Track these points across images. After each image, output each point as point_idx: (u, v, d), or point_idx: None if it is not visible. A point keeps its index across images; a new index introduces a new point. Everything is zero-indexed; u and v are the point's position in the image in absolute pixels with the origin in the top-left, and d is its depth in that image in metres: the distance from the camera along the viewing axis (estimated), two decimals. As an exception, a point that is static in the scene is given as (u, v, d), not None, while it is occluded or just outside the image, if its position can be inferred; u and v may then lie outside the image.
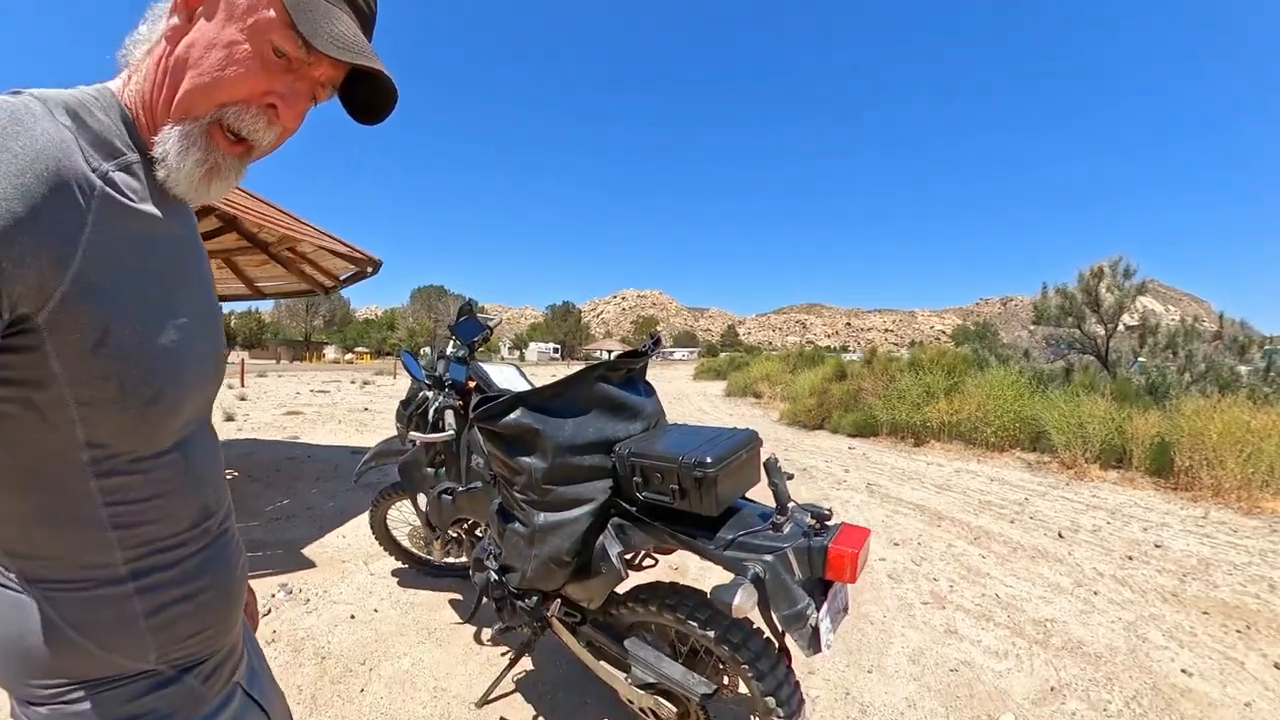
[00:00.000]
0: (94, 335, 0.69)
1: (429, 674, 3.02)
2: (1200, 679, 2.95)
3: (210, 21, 0.78)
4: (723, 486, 1.83)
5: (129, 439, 0.77)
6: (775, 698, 1.90)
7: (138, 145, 0.78)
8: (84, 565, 0.75)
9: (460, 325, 2.97)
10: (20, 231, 0.60)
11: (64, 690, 0.75)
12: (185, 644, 0.84)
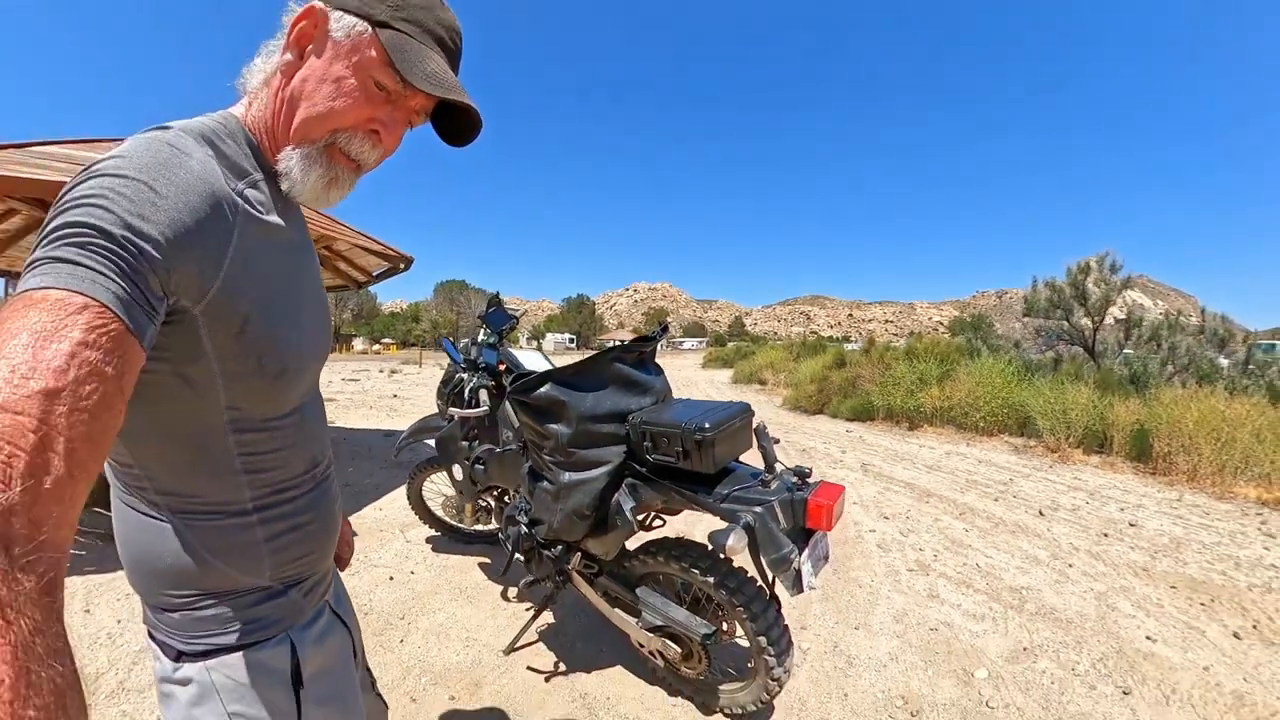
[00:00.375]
0: (237, 322, 0.80)
1: (461, 627, 3.18)
2: (1163, 645, 3.00)
3: (319, 59, 0.87)
4: (719, 449, 2.04)
5: (261, 404, 0.89)
6: (766, 637, 2.11)
7: (261, 165, 0.89)
8: (219, 502, 0.88)
9: (490, 315, 3.14)
10: (189, 243, 0.70)
11: (196, 599, 0.89)
12: (292, 565, 0.98)
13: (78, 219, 0.62)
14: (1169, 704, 2.55)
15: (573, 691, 2.66)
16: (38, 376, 0.51)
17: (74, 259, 0.59)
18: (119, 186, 0.65)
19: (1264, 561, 3.97)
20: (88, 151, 4.37)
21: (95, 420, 0.55)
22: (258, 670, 0.94)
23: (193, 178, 0.73)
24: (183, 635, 0.91)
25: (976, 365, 9.78)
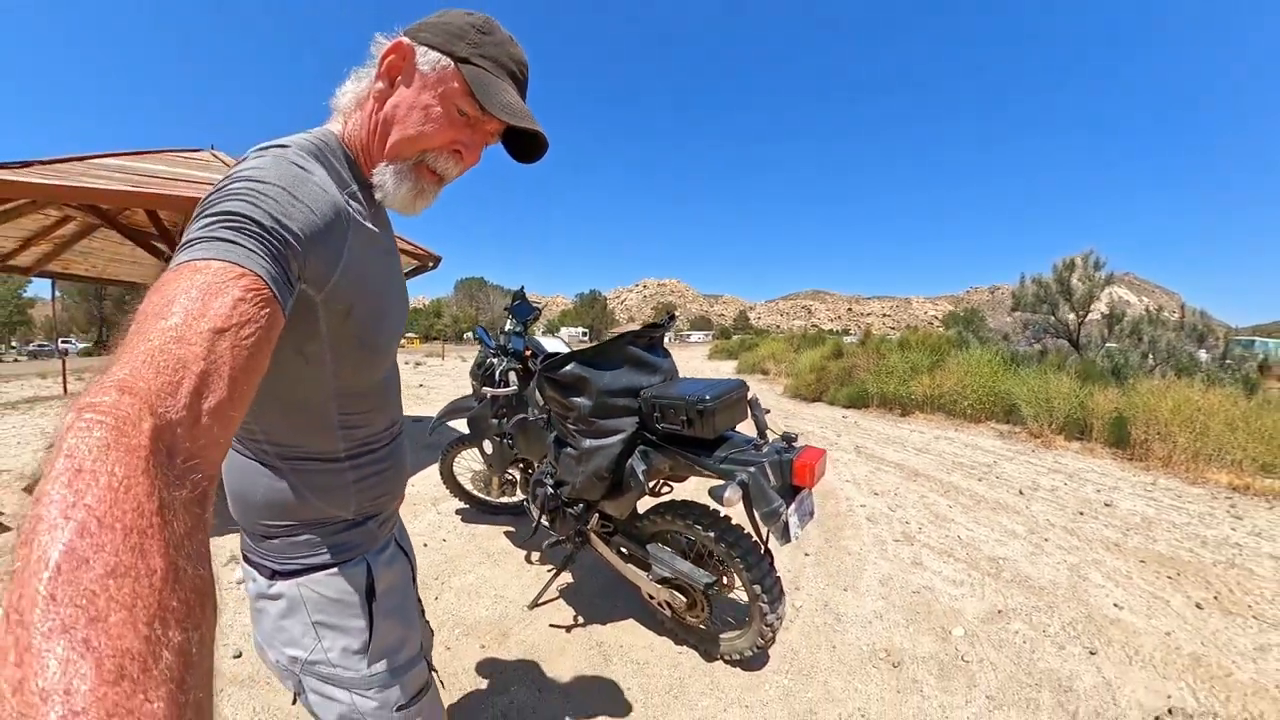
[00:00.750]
0: (346, 308, 0.91)
1: (490, 586, 3.33)
2: (1129, 612, 3.05)
3: (409, 88, 0.96)
4: (718, 418, 2.20)
5: (357, 375, 1.02)
6: (760, 585, 2.28)
7: (356, 177, 0.99)
8: (319, 452, 1.02)
9: (516, 308, 3.31)
10: (318, 241, 0.80)
11: (293, 528, 1.03)
12: (372, 502, 1.12)
13: (234, 209, 0.70)
14: (1132, 664, 2.61)
15: (590, 641, 2.79)
16: (207, 318, 0.57)
17: (231, 239, 0.67)
18: (266, 190, 0.74)
19: (1229, 540, 4.00)
20: (137, 161, 4.47)
21: (251, 359, 0.61)
22: (340, 586, 1.07)
23: (318, 190, 0.83)
24: (278, 558, 1.04)
25: (965, 356, 9.77)
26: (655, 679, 2.52)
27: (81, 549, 0.36)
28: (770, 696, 2.41)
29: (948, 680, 2.52)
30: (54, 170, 3.74)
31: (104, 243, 6.80)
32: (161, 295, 0.59)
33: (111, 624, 0.34)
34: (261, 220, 0.70)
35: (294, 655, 1.09)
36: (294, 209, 0.76)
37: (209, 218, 0.69)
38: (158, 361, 0.52)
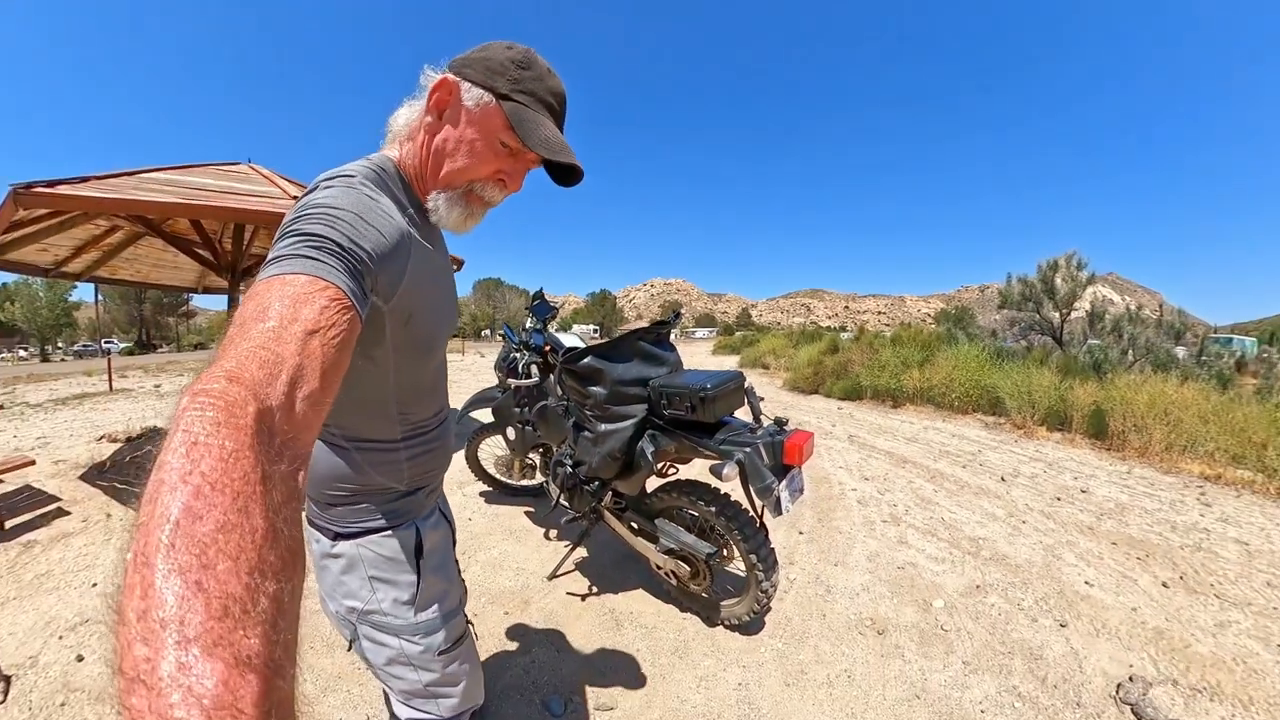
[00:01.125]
0: (407, 316, 0.99)
1: (512, 560, 3.45)
2: (1099, 589, 3.12)
3: (455, 123, 1.02)
4: (718, 404, 2.33)
5: (414, 374, 1.13)
6: (756, 555, 2.41)
7: (411, 200, 1.06)
8: (380, 435, 1.14)
9: (536, 307, 3.44)
10: (386, 260, 0.87)
11: (353, 496, 1.15)
12: (421, 476, 1.24)
13: (315, 231, 0.76)
14: (1099, 636, 2.67)
15: (603, 608, 2.91)
16: (299, 322, 0.63)
17: (315, 257, 0.73)
18: (342, 215, 0.81)
19: (1198, 526, 4.02)
20: (182, 175, 4.53)
21: (337, 356, 0.67)
22: (393, 546, 1.19)
23: (385, 216, 0.90)
24: (340, 522, 1.16)
25: (954, 351, 9.79)
26: (662, 641, 2.64)
27: (197, 507, 0.40)
28: (765, 658, 2.52)
29: (928, 647, 2.61)
30: (108, 184, 3.85)
31: (148, 249, 6.92)
32: (258, 303, 0.65)
33: (219, 571, 0.38)
34: (340, 241, 0.77)
35: (352, 606, 1.20)
36: (366, 232, 0.83)
37: (293, 238, 0.76)
38: (259, 356, 0.57)
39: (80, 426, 7.90)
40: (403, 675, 1.26)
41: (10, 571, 3.30)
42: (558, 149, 1.02)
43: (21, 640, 2.62)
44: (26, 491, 4.75)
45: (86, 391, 12.20)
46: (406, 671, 1.26)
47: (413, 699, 1.30)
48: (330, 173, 0.95)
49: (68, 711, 2.17)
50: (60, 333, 53.45)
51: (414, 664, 1.25)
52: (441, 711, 1.32)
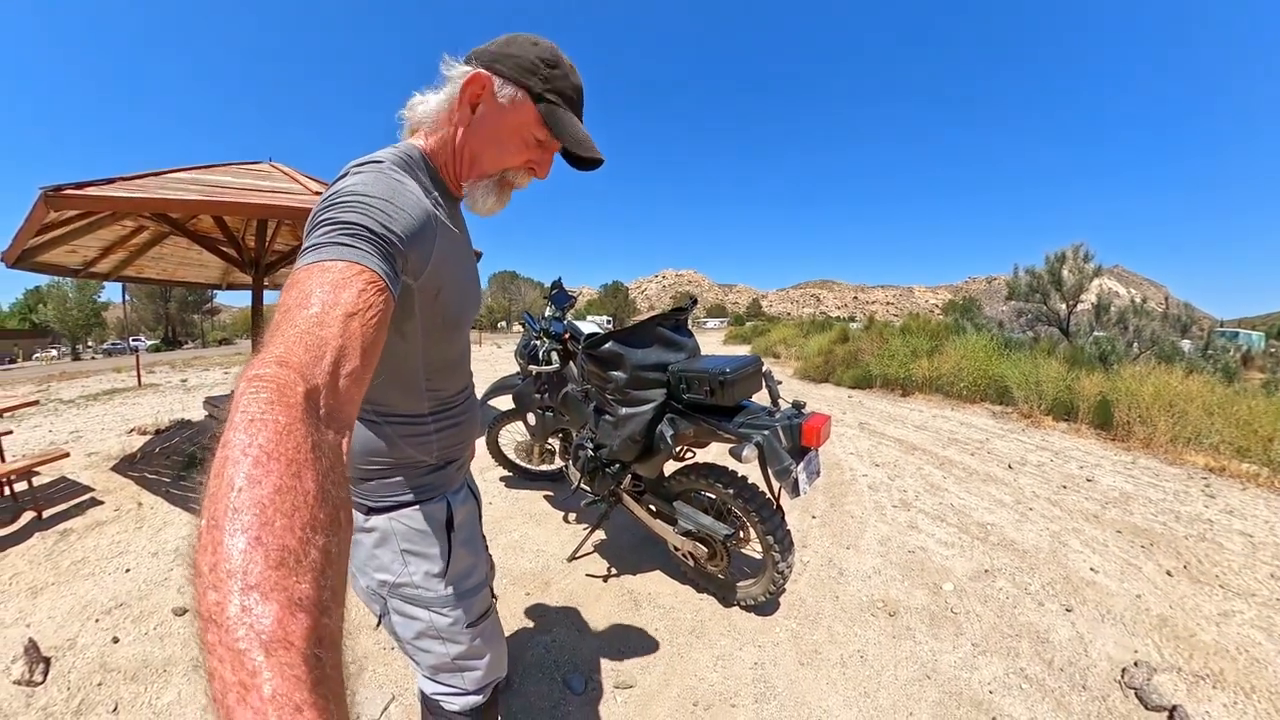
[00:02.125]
0: (435, 293, 1.02)
1: (532, 542, 3.47)
2: (1104, 576, 3.11)
3: (489, 116, 1.06)
4: (737, 388, 2.33)
5: (442, 349, 1.15)
6: (773, 537, 2.41)
7: (437, 185, 1.09)
8: (410, 410, 1.16)
9: (555, 296, 3.44)
10: (416, 242, 0.89)
11: (386, 470, 1.17)
12: (449, 449, 1.26)
13: (347, 219, 0.79)
14: (1104, 621, 2.67)
15: (622, 589, 2.93)
16: (340, 306, 0.67)
17: (349, 243, 0.76)
18: (371, 201, 0.84)
19: (1202, 516, 3.98)
20: (205, 174, 4.56)
21: (375, 335, 0.71)
22: (424, 520, 1.21)
23: (414, 199, 0.93)
24: (374, 496, 1.18)
25: (962, 341, 9.70)
26: (679, 622, 2.66)
27: (256, 475, 0.45)
28: (780, 638, 2.54)
29: (938, 629, 2.62)
30: (134, 185, 3.89)
31: (173, 248, 6.98)
32: (300, 290, 0.69)
33: (276, 527, 0.43)
34: (372, 227, 0.80)
35: (383, 579, 1.22)
36: (397, 215, 0.86)
37: (327, 226, 0.79)
38: (304, 340, 0.62)
39: (111, 420, 8.00)
40: (430, 649, 1.28)
41: (48, 558, 3.36)
42: (587, 145, 1.10)
43: (60, 623, 2.67)
44: (62, 483, 4.83)
45: (116, 387, 12.34)
46: (435, 645, 1.28)
47: (439, 673, 1.32)
48: (360, 159, 0.97)
49: (104, 691, 2.21)
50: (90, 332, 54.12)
51: (442, 636, 1.27)
52: (467, 684, 1.34)
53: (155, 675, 2.30)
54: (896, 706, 2.13)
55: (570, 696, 2.18)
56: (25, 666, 2.26)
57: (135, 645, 2.50)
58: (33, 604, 2.85)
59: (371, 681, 2.26)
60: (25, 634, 2.53)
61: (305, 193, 4.30)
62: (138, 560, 3.32)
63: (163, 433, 6.96)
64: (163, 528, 3.80)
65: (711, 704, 2.14)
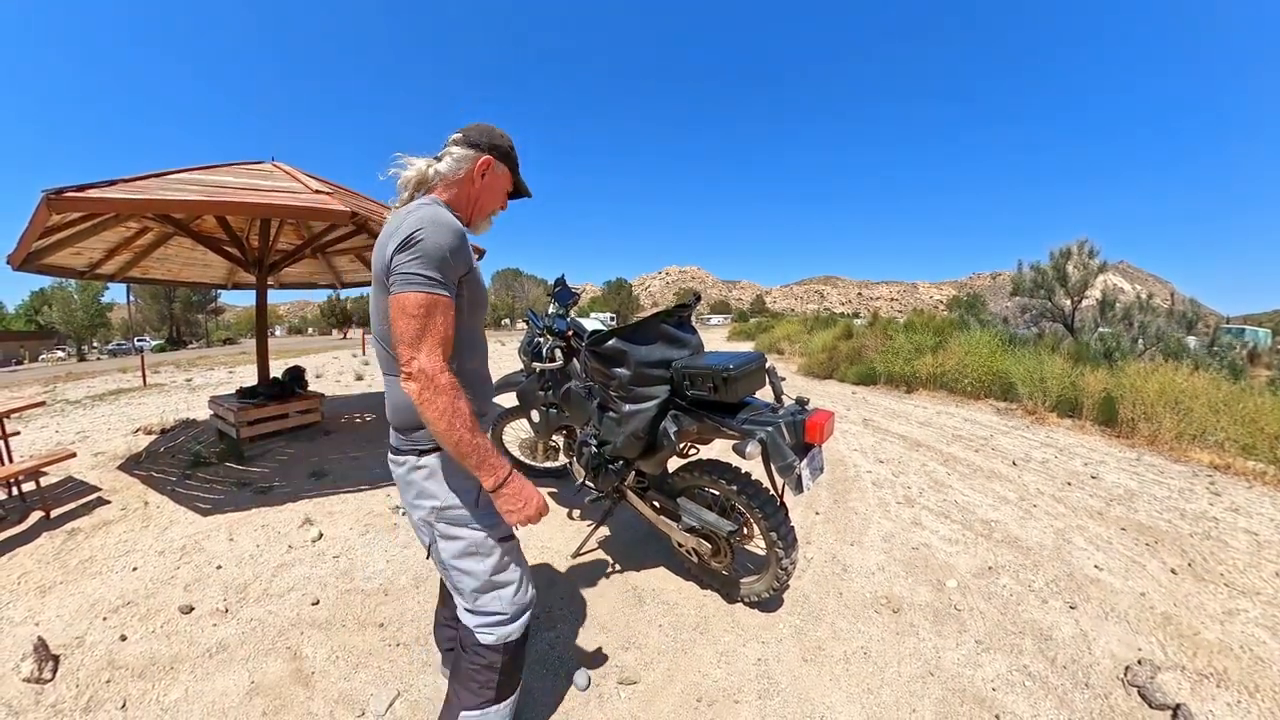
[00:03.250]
0: (470, 283, 1.58)
1: (537, 538, 3.49)
2: (1108, 573, 3.10)
3: (491, 181, 1.73)
4: (740, 385, 2.34)
5: (471, 325, 1.65)
6: (776, 533, 2.41)
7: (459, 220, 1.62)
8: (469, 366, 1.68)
9: (558, 293, 3.44)
10: (465, 260, 1.52)
11: None
12: (484, 403, 1.78)
13: (431, 253, 1.41)
14: (1108, 619, 2.67)
15: (626, 585, 2.95)
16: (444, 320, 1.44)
17: (434, 277, 1.42)
18: (446, 255, 1.44)
19: (1207, 514, 3.96)
20: (208, 175, 4.55)
21: (450, 330, 1.46)
22: None
23: (460, 231, 1.53)
24: (424, 441, 1.60)
25: (967, 338, 9.66)
26: (683, 617, 2.67)
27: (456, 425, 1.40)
28: (784, 634, 2.55)
29: (941, 625, 2.63)
30: (136, 186, 3.90)
31: (178, 249, 7.01)
32: (425, 308, 1.40)
33: (477, 439, 1.44)
34: (444, 257, 1.44)
35: (432, 505, 1.62)
36: (457, 247, 1.48)
37: (418, 258, 1.40)
38: (436, 341, 1.41)
39: (117, 420, 8.03)
40: (470, 568, 1.64)
41: (56, 557, 3.38)
42: (527, 188, 1.91)
43: (69, 622, 2.70)
44: (69, 483, 4.86)
45: (122, 387, 12.39)
46: (473, 563, 1.64)
47: (479, 597, 1.66)
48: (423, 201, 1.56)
49: (113, 688, 2.23)
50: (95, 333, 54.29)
51: (479, 552, 1.64)
52: (503, 606, 1.67)
53: (163, 672, 2.33)
54: (900, 703, 2.14)
55: (574, 692, 2.19)
56: (34, 664, 2.28)
57: (143, 643, 2.52)
58: (41, 602, 2.88)
59: (377, 678, 2.28)
60: (34, 632, 2.56)
61: (306, 192, 4.31)
62: (144, 558, 3.34)
63: (168, 432, 6.99)
64: (169, 526, 3.83)
65: (715, 700, 2.15)
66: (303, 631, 2.60)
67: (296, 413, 6.45)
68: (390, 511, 4.03)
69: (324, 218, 4.09)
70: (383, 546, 3.47)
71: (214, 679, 2.28)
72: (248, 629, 2.63)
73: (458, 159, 1.64)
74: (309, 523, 3.82)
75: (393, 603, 2.84)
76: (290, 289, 9.17)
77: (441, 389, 1.37)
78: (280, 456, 5.60)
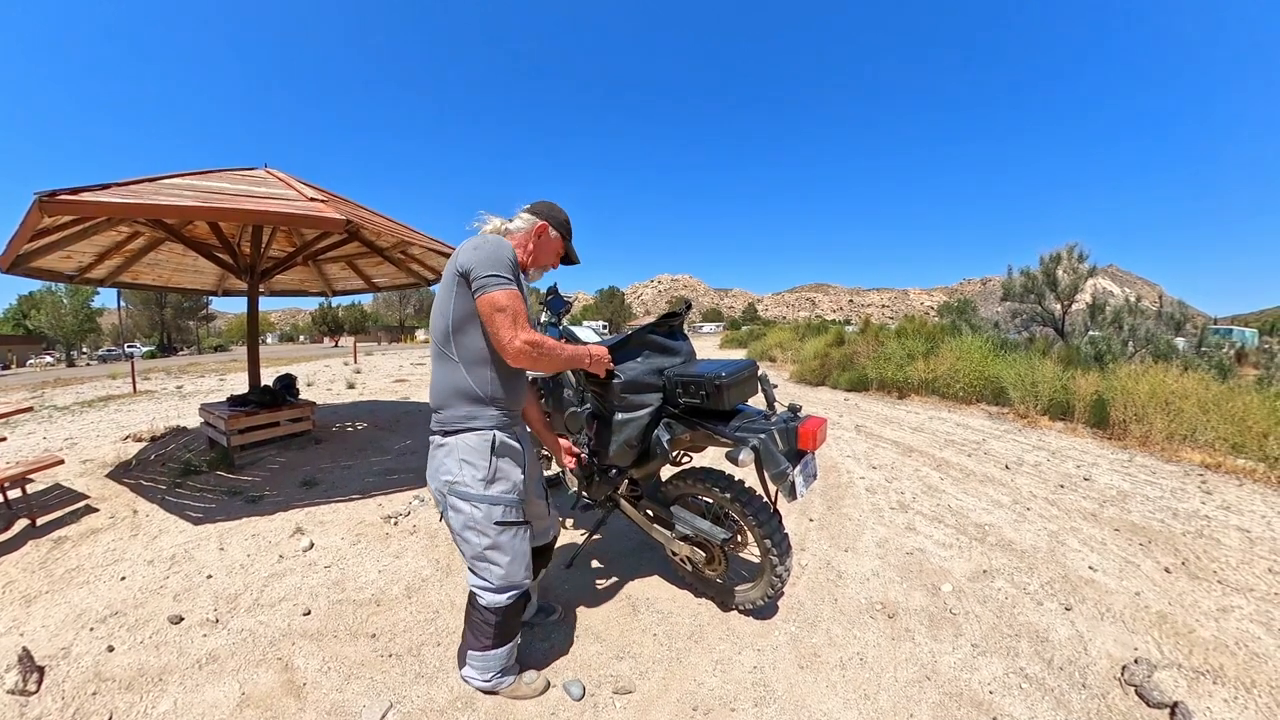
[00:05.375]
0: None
1: (529, 548, 3.47)
2: (1102, 574, 3.12)
3: (545, 243, 2.20)
4: (732, 393, 2.34)
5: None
6: (771, 540, 2.40)
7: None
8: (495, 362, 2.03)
9: (550, 301, 3.41)
10: (517, 271, 1.97)
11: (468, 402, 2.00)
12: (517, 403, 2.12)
13: (503, 269, 1.89)
14: (1103, 619, 2.68)
15: (620, 594, 2.94)
16: (522, 304, 1.92)
17: (509, 278, 1.90)
18: (506, 251, 1.93)
19: (1199, 513, 3.99)
20: (201, 180, 4.52)
21: (524, 306, 1.94)
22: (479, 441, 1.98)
23: (511, 254, 1.95)
24: (451, 423, 1.99)
25: (958, 343, 9.68)
26: (678, 626, 2.65)
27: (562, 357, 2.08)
28: (779, 641, 2.53)
29: (937, 630, 2.62)
30: (129, 190, 3.86)
31: (169, 254, 6.96)
32: (510, 300, 1.88)
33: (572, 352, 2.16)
34: (514, 272, 1.93)
35: (446, 479, 1.97)
36: (515, 258, 1.96)
37: (494, 271, 1.87)
38: (523, 322, 1.91)
39: (106, 427, 7.97)
40: (470, 540, 1.98)
41: (42, 566, 3.34)
42: (576, 256, 2.37)
43: (54, 632, 2.65)
44: (56, 490, 4.80)
45: (111, 394, 12.30)
46: (472, 536, 1.98)
47: (476, 564, 2.01)
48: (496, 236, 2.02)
49: (99, 700, 2.19)
50: (84, 338, 53.86)
51: (478, 528, 1.96)
52: (492, 580, 2.01)
53: (151, 684, 2.29)
54: (897, 708, 2.13)
55: (569, 703, 2.17)
56: (19, 676, 2.24)
57: (131, 654, 2.48)
58: (26, 612, 2.83)
59: (369, 689, 2.25)
60: (19, 643, 2.51)
61: (300, 199, 4.28)
62: (133, 568, 3.30)
63: (158, 439, 6.93)
64: (158, 535, 3.78)
65: (711, 709, 2.14)
66: (294, 642, 2.57)
67: (288, 421, 6.39)
68: (382, 521, 3.99)
69: (317, 225, 4.06)
70: (374, 556, 3.44)
71: (204, 690, 2.25)
72: (238, 640, 2.59)
73: (525, 221, 2.17)
74: (300, 532, 3.79)
75: (385, 613, 2.81)
76: (281, 296, 9.12)
77: (542, 348, 1.94)
78: (271, 465, 5.56)
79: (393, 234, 4.89)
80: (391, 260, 7.52)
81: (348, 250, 7.19)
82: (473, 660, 2.14)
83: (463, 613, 2.23)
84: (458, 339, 1.98)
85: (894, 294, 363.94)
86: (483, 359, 1.98)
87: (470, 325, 1.97)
